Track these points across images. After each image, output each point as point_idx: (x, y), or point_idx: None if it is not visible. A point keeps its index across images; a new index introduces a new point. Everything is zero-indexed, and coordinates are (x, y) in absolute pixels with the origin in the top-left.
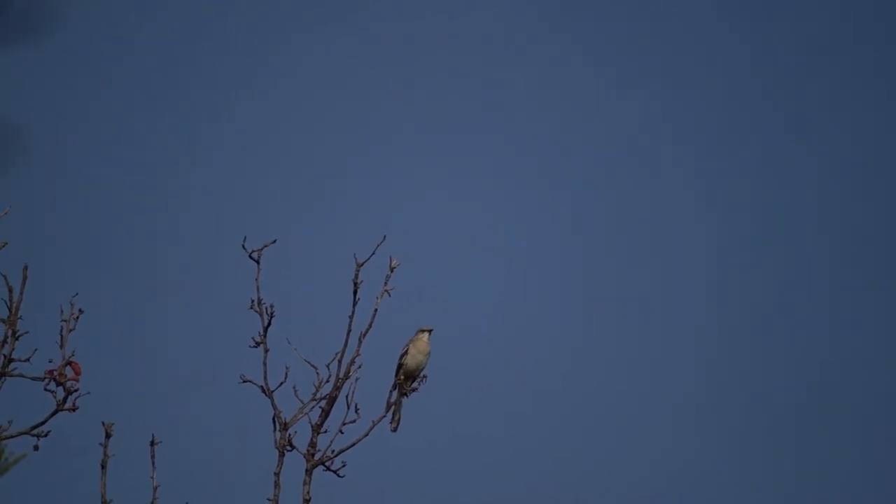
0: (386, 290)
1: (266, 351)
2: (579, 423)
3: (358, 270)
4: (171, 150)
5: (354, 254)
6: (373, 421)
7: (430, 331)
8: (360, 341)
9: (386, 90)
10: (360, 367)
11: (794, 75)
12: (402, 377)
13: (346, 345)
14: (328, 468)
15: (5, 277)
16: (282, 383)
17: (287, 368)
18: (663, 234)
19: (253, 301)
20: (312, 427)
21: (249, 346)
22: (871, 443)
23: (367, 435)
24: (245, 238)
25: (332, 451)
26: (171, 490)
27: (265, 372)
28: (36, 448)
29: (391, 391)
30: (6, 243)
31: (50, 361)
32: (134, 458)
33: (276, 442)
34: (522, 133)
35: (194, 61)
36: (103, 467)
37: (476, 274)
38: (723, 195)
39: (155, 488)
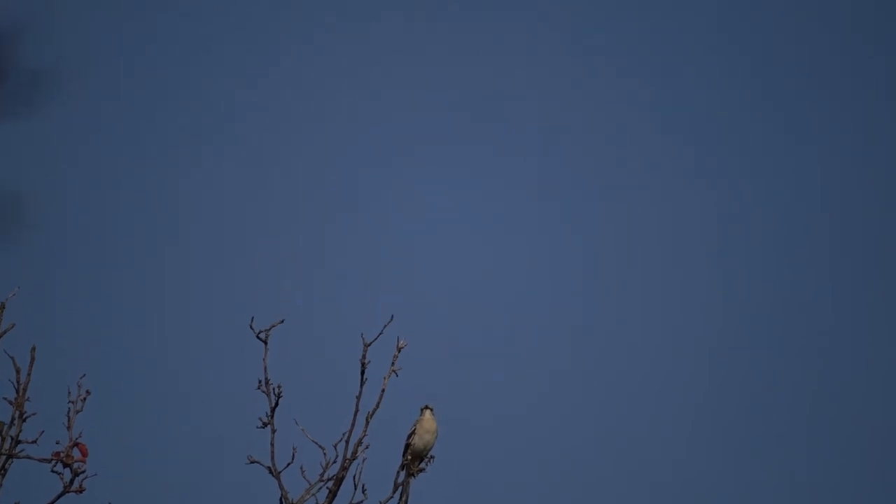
0: (393, 371)
1: (273, 431)
2: (579, 423)
3: (365, 351)
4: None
5: (362, 334)
6: (380, 502)
7: (430, 408)
8: (367, 422)
9: (388, 98)
10: (367, 447)
11: (796, 76)
12: (410, 457)
13: (353, 425)
14: None
15: (13, 359)
16: (289, 464)
17: (294, 449)
18: (665, 235)
19: (260, 381)
20: None
21: (257, 427)
22: (871, 443)
23: None
24: (252, 318)
25: None
26: None
27: (272, 452)
28: None
29: (399, 471)
30: (14, 325)
31: (57, 443)
32: None
33: None
34: (522, 132)
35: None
36: None
37: (478, 274)
38: (724, 196)
39: None
